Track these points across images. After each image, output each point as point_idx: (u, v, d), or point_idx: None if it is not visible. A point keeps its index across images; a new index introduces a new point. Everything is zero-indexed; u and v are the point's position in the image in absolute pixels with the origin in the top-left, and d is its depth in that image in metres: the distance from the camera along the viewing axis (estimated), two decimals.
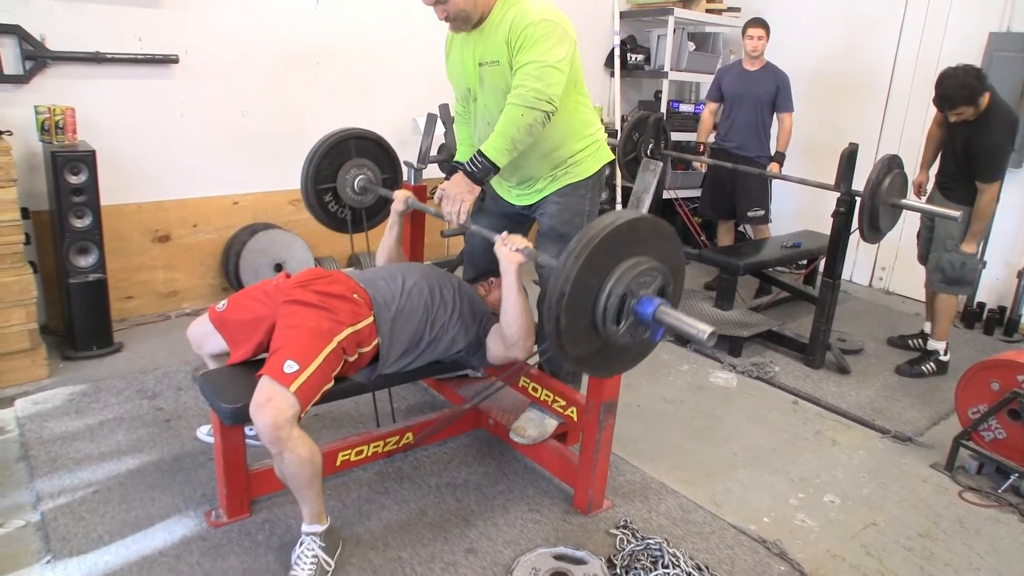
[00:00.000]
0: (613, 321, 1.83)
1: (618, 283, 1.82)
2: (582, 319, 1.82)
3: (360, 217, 3.08)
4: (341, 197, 3.00)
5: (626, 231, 1.82)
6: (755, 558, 2.32)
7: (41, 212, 3.47)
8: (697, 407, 3.35)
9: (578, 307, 1.79)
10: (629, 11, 5.73)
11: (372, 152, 3.04)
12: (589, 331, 1.86)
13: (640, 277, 1.83)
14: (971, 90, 3.30)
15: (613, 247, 1.80)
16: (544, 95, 2.19)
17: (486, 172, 2.28)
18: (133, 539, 2.21)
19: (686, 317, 1.80)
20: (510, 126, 2.21)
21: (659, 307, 1.82)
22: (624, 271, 1.82)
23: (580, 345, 1.86)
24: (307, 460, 1.97)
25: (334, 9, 4.26)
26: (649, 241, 1.89)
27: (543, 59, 2.19)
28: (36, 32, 3.35)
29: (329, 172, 2.95)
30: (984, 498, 2.76)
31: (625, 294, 1.82)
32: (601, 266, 1.80)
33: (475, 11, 2.30)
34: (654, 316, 1.82)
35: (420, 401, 3.18)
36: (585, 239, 1.77)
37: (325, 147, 2.90)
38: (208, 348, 2.35)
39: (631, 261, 1.84)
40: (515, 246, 2.21)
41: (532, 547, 2.28)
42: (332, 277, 2.30)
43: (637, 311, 1.84)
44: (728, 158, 4.65)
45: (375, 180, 3.04)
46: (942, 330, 3.79)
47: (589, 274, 1.78)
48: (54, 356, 3.34)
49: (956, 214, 3.32)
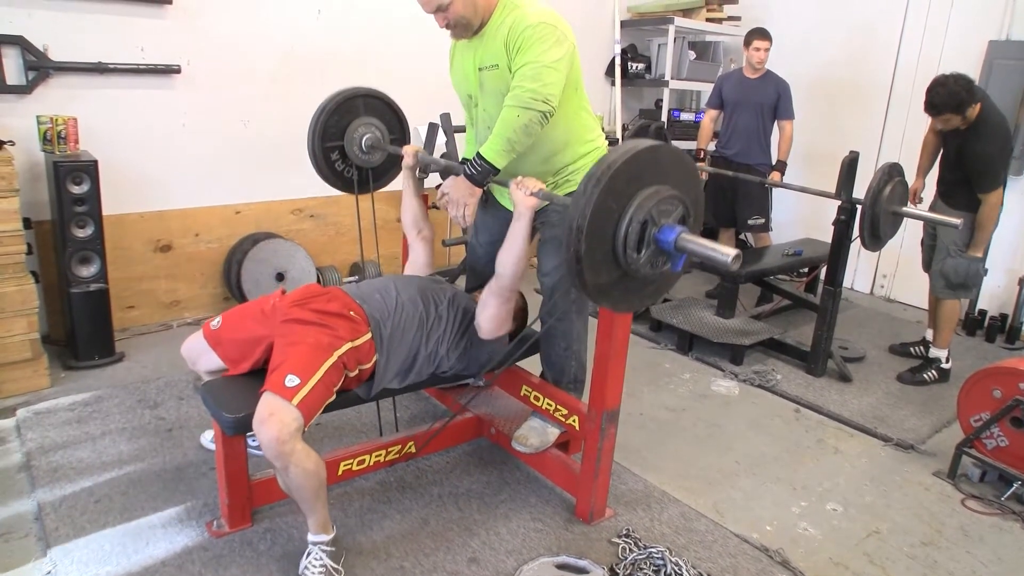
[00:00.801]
0: (634, 249, 1.79)
1: (639, 210, 1.78)
2: (602, 247, 1.78)
3: (366, 177, 3.03)
4: (348, 156, 2.96)
5: (647, 158, 1.79)
6: (758, 567, 2.31)
7: (43, 222, 3.48)
8: (699, 415, 3.34)
9: (598, 234, 1.75)
10: (630, 20, 5.76)
11: (381, 111, 3.00)
12: (609, 260, 1.82)
13: (661, 205, 1.80)
14: (958, 100, 3.30)
15: (635, 173, 1.77)
16: (540, 95, 2.19)
17: (486, 174, 2.29)
18: (135, 549, 2.21)
19: (708, 242, 1.77)
20: (507, 127, 2.21)
21: (681, 234, 1.79)
22: (645, 198, 1.78)
23: (600, 274, 1.82)
24: (313, 473, 1.97)
25: (336, 19, 4.28)
26: (669, 170, 1.86)
27: (539, 60, 2.20)
28: (39, 42, 3.36)
29: (337, 130, 2.90)
30: (987, 506, 2.75)
31: (646, 221, 1.78)
32: (622, 192, 1.76)
33: (475, 17, 2.31)
34: (676, 243, 1.79)
35: (422, 410, 3.18)
36: (605, 164, 1.73)
37: (333, 104, 2.86)
38: (203, 365, 2.35)
39: (651, 189, 1.80)
40: (529, 189, 2.21)
41: (534, 556, 2.27)
42: (329, 295, 2.29)
43: (659, 238, 1.80)
44: (728, 165, 4.66)
45: (383, 139, 2.99)
46: (944, 338, 3.79)
47: (610, 200, 1.74)
48: (56, 366, 3.35)
49: (957, 222, 3.32)
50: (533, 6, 2.29)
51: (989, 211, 3.47)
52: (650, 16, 5.66)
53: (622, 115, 5.68)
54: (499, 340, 2.48)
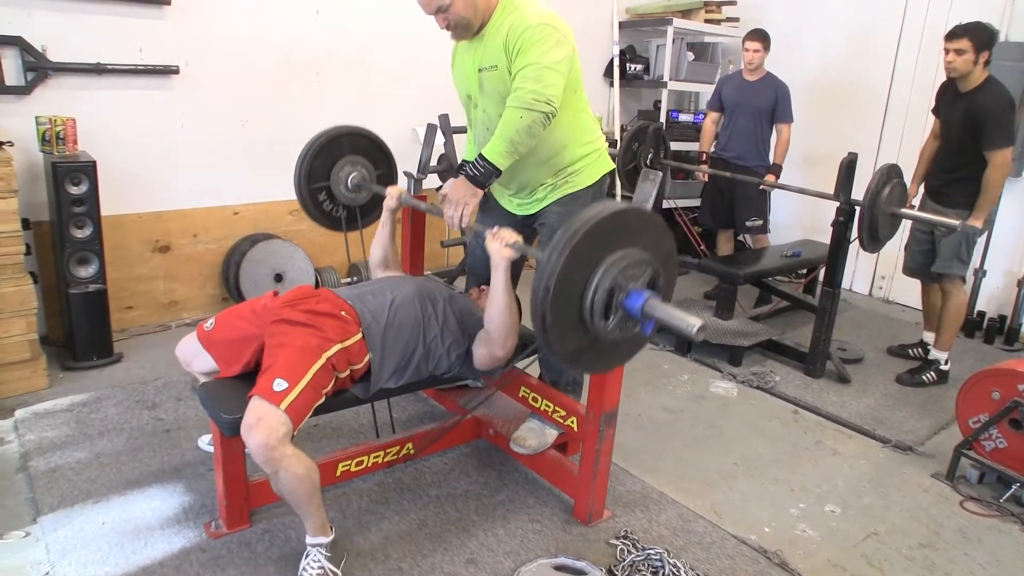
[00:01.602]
0: (601, 316, 1.77)
1: (605, 277, 1.76)
2: (569, 315, 1.76)
3: (355, 215, 3.04)
4: (335, 195, 2.97)
5: (611, 223, 1.76)
6: (756, 568, 2.31)
7: (42, 223, 3.48)
8: (697, 417, 3.34)
9: (564, 303, 1.74)
10: (628, 21, 5.76)
11: (366, 149, 3.01)
12: (577, 327, 1.80)
13: (628, 270, 1.78)
14: (980, 31, 3.35)
15: (599, 239, 1.74)
16: (542, 96, 2.19)
17: (488, 175, 2.28)
18: (133, 549, 2.21)
19: (675, 310, 1.75)
20: (509, 128, 2.21)
21: (648, 300, 1.76)
22: (611, 264, 1.76)
23: (568, 342, 1.81)
24: (304, 477, 1.96)
25: (334, 20, 4.28)
26: (637, 231, 1.83)
27: (540, 61, 2.20)
28: (37, 43, 3.36)
29: (322, 170, 2.91)
30: (985, 508, 2.75)
31: (613, 288, 1.76)
32: (587, 259, 1.74)
33: (476, 18, 2.31)
34: (642, 310, 1.77)
35: (420, 411, 3.18)
36: (569, 232, 1.71)
37: (318, 145, 2.87)
38: (197, 366, 2.34)
39: (618, 254, 1.78)
40: (505, 241, 2.19)
41: (532, 557, 2.27)
42: (319, 296, 2.29)
43: (625, 305, 1.78)
44: (727, 168, 4.66)
45: (369, 177, 3.00)
46: (947, 340, 3.78)
47: (574, 269, 1.72)
48: (54, 366, 3.34)
49: (956, 223, 3.32)
50: (533, 7, 2.29)
51: (996, 172, 3.41)
52: (649, 17, 5.66)
53: (621, 116, 5.68)
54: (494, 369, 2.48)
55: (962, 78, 3.46)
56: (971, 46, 3.36)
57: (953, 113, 3.56)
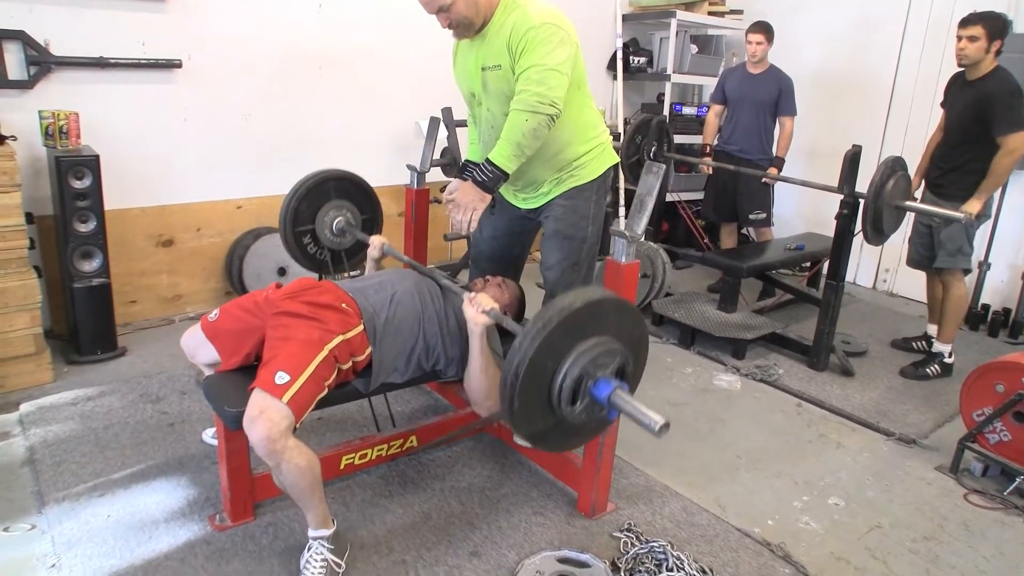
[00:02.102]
0: (568, 402, 1.77)
1: (575, 365, 1.75)
2: (537, 398, 1.77)
3: (340, 258, 3.04)
4: (320, 239, 2.97)
5: (586, 312, 1.76)
6: (759, 561, 2.32)
7: (45, 217, 3.48)
8: (701, 410, 3.34)
9: (533, 387, 1.73)
10: (631, 14, 5.74)
11: (351, 193, 3.00)
12: (544, 409, 1.80)
13: (599, 359, 1.77)
14: (993, 18, 3.35)
15: (573, 328, 1.74)
16: (547, 98, 2.19)
17: (496, 180, 2.28)
18: (138, 542, 2.22)
19: (640, 405, 1.74)
20: (515, 132, 2.21)
21: (615, 391, 1.76)
22: (582, 352, 1.75)
23: (535, 423, 1.81)
24: (305, 469, 1.96)
25: (337, 14, 4.27)
26: (610, 319, 1.83)
27: (544, 63, 2.20)
28: (40, 37, 3.36)
29: (308, 214, 2.91)
30: (989, 501, 2.75)
31: (582, 375, 1.76)
32: (559, 347, 1.74)
33: (477, 17, 2.30)
34: (609, 400, 1.77)
35: (423, 404, 3.18)
36: (543, 320, 1.70)
37: (304, 189, 2.86)
38: (201, 357, 2.34)
39: (591, 341, 1.78)
40: (482, 307, 2.17)
41: (536, 550, 2.28)
42: (321, 288, 2.29)
43: (593, 393, 1.78)
44: (730, 160, 4.65)
45: (354, 222, 3.00)
46: (949, 333, 3.78)
47: (545, 357, 1.72)
48: (58, 360, 3.35)
49: (961, 215, 3.31)
50: (535, 5, 2.28)
51: (1008, 157, 3.36)
52: (652, 10, 5.64)
53: (624, 109, 5.65)
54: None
55: (972, 66, 3.45)
56: (984, 33, 3.35)
57: (959, 102, 3.54)
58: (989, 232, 4.54)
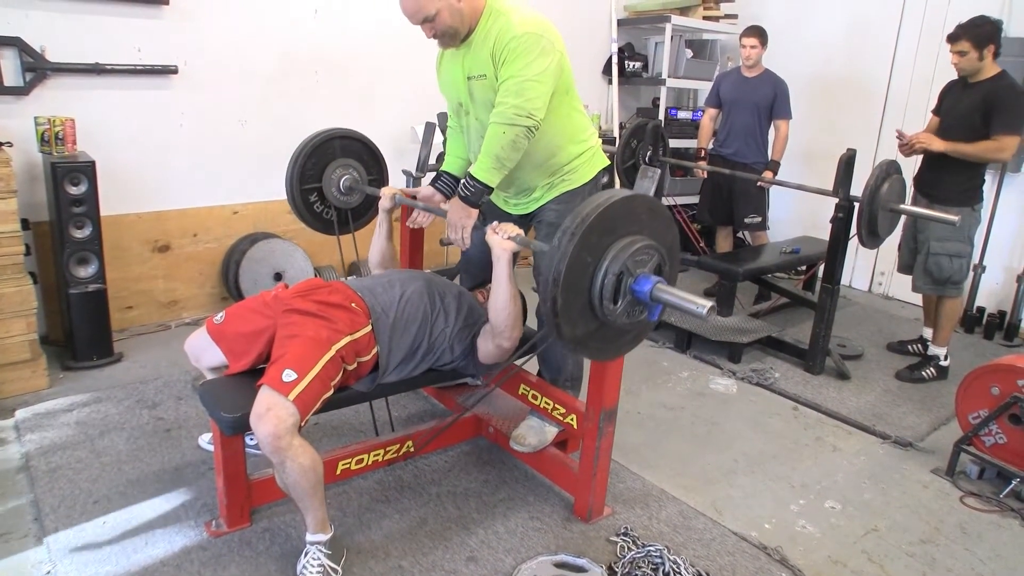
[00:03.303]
0: (610, 300, 1.80)
1: (614, 262, 1.79)
2: (578, 299, 1.79)
3: (346, 218, 3.05)
4: (327, 197, 2.98)
5: (621, 209, 1.79)
6: (756, 565, 2.32)
7: (41, 223, 3.48)
8: (697, 413, 3.34)
9: (574, 287, 1.77)
10: (626, 19, 5.76)
11: (358, 152, 3.01)
12: (585, 311, 1.83)
13: (636, 255, 1.81)
14: (979, 28, 3.35)
15: (609, 225, 1.78)
16: (524, 110, 2.19)
17: (479, 194, 2.29)
18: (134, 548, 2.21)
19: (684, 293, 1.78)
20: (494, 144, 2.22)
21: (656, 285, 1.80)
22: (620, 249, 1.79)
23: (577, 326, 1.83)
24: (309, 469, 1.97)
25: (333, 19, 4.28)
26: (644, 220, 1.86)
27: (522, 74, 2.20)
28: (36, 44, 3.36)
29: (314, 172, 2.92)
30: (985, 503, 2.75)
31: (621, 273, 1.79)
32: (596, 245, 1.77)
33: (463, 26, 2.30)
34: (651, 294, 1.80)
35: (420, 409, 3.18)
36: (579, 218, 1.74)
37: (310, 147, 2.88)
38: (206, 361, 2.35)
39: (627, 240, 1.81)
40: (507, 234, 2.21)
41: (533, 555, 2.27)
42: (331, 287, 2.30)
43: (634, 289, 1.81)
44: (725, 164, 4.66)
45: (361, 180, 3.01)
46: (944, 336, 3.79)
47: (584, 253, 1.75)
48: (54, 366, 3.35)
49: (955, 219, 3.32)
50: (518, 14, 2.27)
51: (992, 147, 3.38)
52: (647, 14, 5.66)
53: (619, 114, 5.68)
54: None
55: (972, 75, 3.48)
56: (971, 46, 3.37)
57: (962, 104, 3.54)
58: (984, 235, 4.56)
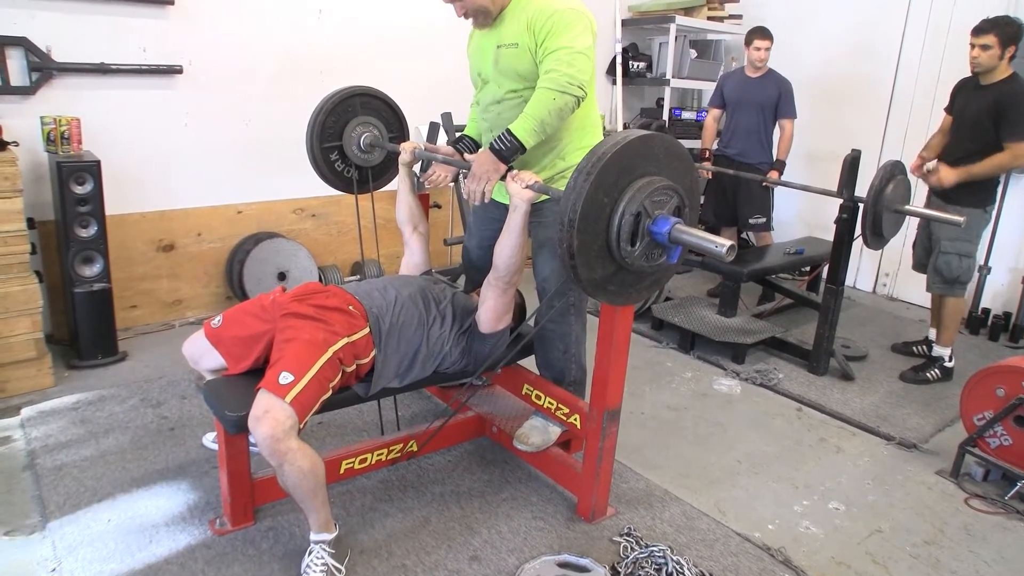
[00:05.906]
0: (628, 242, 1.75)
1: (631, 202, 1.73)
2: (595, 241, 1.74)
3: (367, 176, 3.04)
4: (347, 155, 2.96)
5: (639, 147, 1.74)
6: (760, 566, 2.31)
7: (47, 222, 3.50)
8: (701, 414, 3.34)
9: (591, 228, 1.71)
10: (631, 19, 5.75)
11: (378, 110, 3.00)
12: (603, 254, 1.78)
13: (654, 196, 1.76)
14: (1008, 26, 3.34)
15: (626, 165, 1.72)
16: (576, 80, 2.20)
17: (513, 151, 2.26)
18: (138, 546, 2.22)
19: (703, 233, 1.74)
20: (541, 108, 2.21)
21: (675, 226, 1.75)
22: (638, 189, 1.74)
23: (595, 269, 1.79)
24: (308, 472, 1.97)
25: (337, 19, 4.29)
26: (662, 160, 1.81)
27: (573, 45, 2.21)
28: (42, 44, 3.37)
29: (335, 130, 2.91)
30: (990, 505, 2.75)
31: (639, 213, 1.74)
32: (613, 184, 1.72)
33: (493, 6, 2.34)
34: (670, 235, 1.75)
35: (423, 409, 3.18)
36: (596, 156, 1.69)
37: (331, 104, 2.86)
38: (205, 364, 2.35)
39: (644, 180, 1.76)
40: (525, 182, 2.21)
41: (536, 555, 2.27)
42: (328, 291, 2.31)
43: (652, 230, 1.76)
44: (730, 164, 4.66)
45: (382, 137, 2.99)
46: (948, 336, 3.78)
47: (601, 192, 1.70)
48: (59, 365, 3.36)
49: (960, 219, 3.31)
50: None
51: (1004, 158, 3.38)
52: (651, 15, 5.66)
53: (623, 114, 5.68)
54: (500, 337, 2.47)
55: (985, 73, 3.45)
56: (997, 41, 3.35)
57: (973, 105, 3.52)
58: (989, 236, 4.54)
